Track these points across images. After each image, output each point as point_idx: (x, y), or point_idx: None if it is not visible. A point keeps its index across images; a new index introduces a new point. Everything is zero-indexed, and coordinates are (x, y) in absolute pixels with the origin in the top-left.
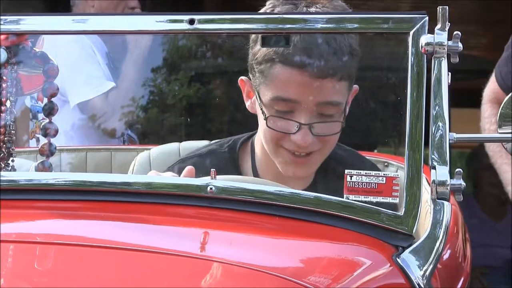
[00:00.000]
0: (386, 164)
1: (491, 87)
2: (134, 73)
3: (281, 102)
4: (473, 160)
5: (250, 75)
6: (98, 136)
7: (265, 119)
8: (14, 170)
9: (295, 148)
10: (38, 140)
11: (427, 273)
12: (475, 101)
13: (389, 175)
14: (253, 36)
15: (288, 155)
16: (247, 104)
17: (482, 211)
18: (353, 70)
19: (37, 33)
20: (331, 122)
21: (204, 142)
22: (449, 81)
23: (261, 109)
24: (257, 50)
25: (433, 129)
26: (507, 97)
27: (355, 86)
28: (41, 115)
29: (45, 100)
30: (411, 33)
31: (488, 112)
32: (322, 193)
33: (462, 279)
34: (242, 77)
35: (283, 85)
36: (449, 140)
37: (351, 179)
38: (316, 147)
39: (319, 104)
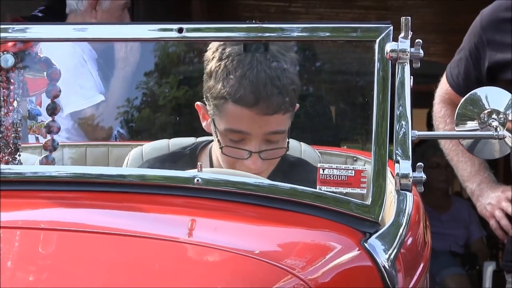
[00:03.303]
0: (355, 158)
1: (443, 88)
2: (123, 77)
3: (233, 133)
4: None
5: (206, 101)
6: (92, 135)
7: (221, 148)
8: (21, 163)
9: (247, 170)
10: (37, 139)
11: (392, 256)
12: None
13: (358, 169)
14: (206, 70)
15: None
16: (204, 124)
17: (427, 205)
18: (295, 101)
19: (42, 41)
20: (277, 149)
21: (191, 139)
22: (411, 84)
23: (216, 136)
24: (212, 86)
25: (397, 127)
26: (463, 99)
27: (296, 105)
28: (40, 118)
29: (48, 101)
30: (377, 41)
31: (442, 112)
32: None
33: (423, 262)
34: (198, 103)
35: (235, 120)
36: (412, 137)
37: (323, 172)
38: (266, 167)
39: (266, 134)
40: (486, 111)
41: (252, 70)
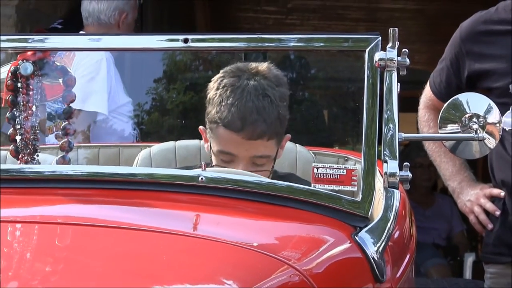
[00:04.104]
0: (346, 158)
1: (427, 94)
2: (134, 82)
3: (223, 154)
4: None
5: (206, 126)
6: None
7: (211, 167)
8: (39, 163)
9: None
10: (61, 136)
11: (380, 248)
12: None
13: (349, 168)
14: (207, 98)
15: None
16: (205, 146)
17: (413, 201)
18: (281, 130)
19: (59, 50)
20: (262, 171)
21: (196, 142)
22: (398, 90)
23: (210, 157)
24: (209, 111)
25: (385, 129)
26: (446, 104)
27: (287, 135)
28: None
29: (65, 105)
30: (367, 50)
31: (426, 117)
32: None
33: (408, 253)
34: (201, 127)
35: (225, 142)
36: (398, 138)
37: (317, 171)
38: None
39: (252, 157)
40: (467, 115)
41: (241, 100)
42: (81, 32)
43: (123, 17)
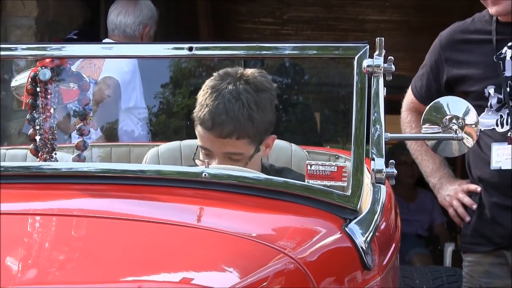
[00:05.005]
0: (337, 156)
1: (409, 98)
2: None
3: (203, 149)
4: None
5: None
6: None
7: (193, 159)
8: (56, 161)
9: None
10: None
11: (368, 239)
12: None
13: (339, 165)
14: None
15: None
16: None
17: (397, 195)
18: (256, 132)
19: (74, 57)
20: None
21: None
22: (385, 94)
23: (196, 149)
24: (194, 111)
25: (373, 130)
26: (428, 106)
27: (272, 136)
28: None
29: (80, 108)
30: (356, 58)
31: (408, 118)
32: None
33: (394, 243)
34: None
35: (202, 139)
36: (385, 138)
37: (310, 167)
38: None
39: (225, 153)
40: (447, 117)
41: (214, 101)
42: (105, 39)
43: (146, 31)
